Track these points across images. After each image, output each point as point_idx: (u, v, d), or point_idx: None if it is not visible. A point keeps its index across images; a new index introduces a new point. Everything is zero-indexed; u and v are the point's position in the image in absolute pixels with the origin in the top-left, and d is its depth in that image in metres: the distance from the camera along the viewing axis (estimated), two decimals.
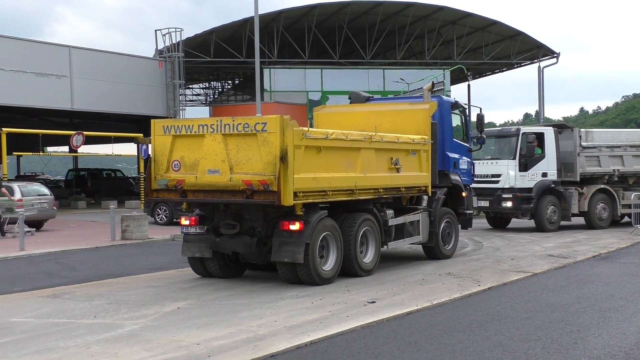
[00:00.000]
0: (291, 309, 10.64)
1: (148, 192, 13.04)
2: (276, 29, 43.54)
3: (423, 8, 44.90)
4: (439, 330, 9.21)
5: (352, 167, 13.22)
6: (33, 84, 33.29)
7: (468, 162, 17.71)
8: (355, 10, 44.26)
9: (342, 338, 8.85)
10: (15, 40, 34.23)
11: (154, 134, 12.79)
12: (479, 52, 49.53)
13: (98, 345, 8.51)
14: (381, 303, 11.04)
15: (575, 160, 23.31)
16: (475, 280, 13.21)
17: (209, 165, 12.06)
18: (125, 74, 37.53)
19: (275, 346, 8.32)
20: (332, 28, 45.28)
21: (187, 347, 8.34)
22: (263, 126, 11.59)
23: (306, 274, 12.26)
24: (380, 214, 14.18)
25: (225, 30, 43.69)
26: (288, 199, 11.50)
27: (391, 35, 46.95)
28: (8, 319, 10.23)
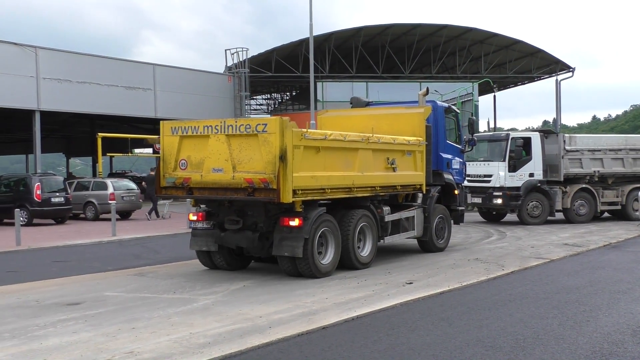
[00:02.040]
0: (340, 288, 10.64)
1: (157, 189, 12.31)
2: (328, 47, 43.59)
3: (455, 29, 44.59)
4: (467, 308, 9.12)
5: (350, 167, 12.41)
6: (123, 96, 33.90)
7: (460, 163, 16.85)
8: (396, 32, 44.12)
9: (383, 314, 8.82)
10: (109, 60, 34.87)
11: (162, 135, 12.10)
12: (504, 67, 48.87)
13: (177, 317, 8.61)
14: (417, 284, 10.97)
15: (559, 162, 22.91)
16: (500, 265, 13.04)
17: (213, 164, 11.37)
18: (200, 87, 37.94)
19: (326, 320, 8.32)
20: (376, 47, 45.20)
21: (252, 320, 8.39)
22: (264, 127, 10.87)
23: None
24: (377, 210, 13.33)
25: (284, 50, 43.87)
26: (287, 196, 10.77)
27: (427, 52, 46.63)
28: (103, 293, 10.43)
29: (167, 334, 7.66)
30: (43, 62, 30.37)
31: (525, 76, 50.81)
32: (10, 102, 29.68)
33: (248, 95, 42.40)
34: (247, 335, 7.58)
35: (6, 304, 9.65)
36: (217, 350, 6.90)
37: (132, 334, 7.69)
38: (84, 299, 9.91)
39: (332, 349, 7.06)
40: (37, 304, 9.67)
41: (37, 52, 30.17)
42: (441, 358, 6.66)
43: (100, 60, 34.08)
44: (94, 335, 7.63)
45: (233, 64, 39.72)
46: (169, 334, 7.63)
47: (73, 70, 31.65)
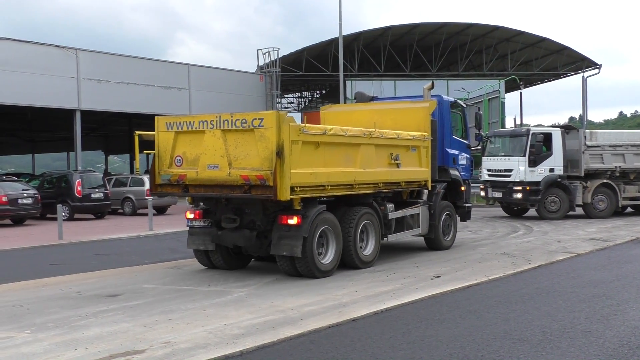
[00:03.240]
0: (369, 281, 10.62)
1: (152, 187, 11.57)
2: (357, 47, 43.48)
3: (481, 28, 44.17)
4: (494, 301, 9.03)
5: (352, 163, 11.66)
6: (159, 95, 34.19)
7: (467, 158, 16.01)
8: (423, 31, 43.84)
9: (412, 306, 8.78)
10: (145, 60, 35.19)
11: (157, 131, 11.40)
12: (530, 64, 48.27)
13: (211, 308, 8.66)
14: (445, 277, 10.90)
15: (580, 158, 22.56)
16: (527, 259, 12.90)
17: (208, 161, 10.68)
18: (232, 86, 38.10)
19: (356, 312, 8.31)
20: (403, 46, 44.97)
21: (283, 312, 8.41)
22: (260, 122, 10.16)
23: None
24: (380, 207, 12.61)
25: (314, 49, 43.86)
26: (284, 193, 10.05)
27: (454, 51, 46.26)
28: (140, 285, 10.54)
29: (202, 325, 7.72)
30: (83, 63, 30.77)
31: (552, 73, 50.14)
32: (53, 102, 30.13)
33: (279, 93, 42.50)
34: (279, 326, 7.60)
35: (50, 295, 9.81)
36: (251, 341, 6.94)
37: (169, 324, 7.76)
38: (122, 291, 10.03)
39: (362, 341, 7.05)
40: (79, 295, 9.81)
41: (78, 54, 30.57)
42: (469, 350, 6.61)
43: (137, 61, 34.41)
44: (133, 326, 7.72)
45: (265, 63, 39.83)
46: (204, 325, 7.68)
47: (112, 71, 32.01)
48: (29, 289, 10.50)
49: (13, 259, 14.79)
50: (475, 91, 37.84)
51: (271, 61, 39.25)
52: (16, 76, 27.84)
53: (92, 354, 6.55)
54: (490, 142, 23.99)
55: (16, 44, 28.66)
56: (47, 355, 6.55)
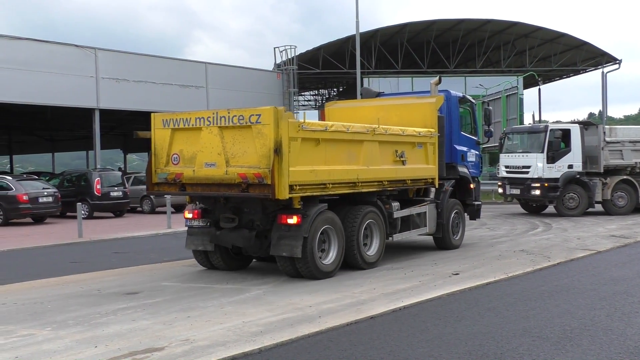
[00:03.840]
0: (387, 279, 10.60)
1: (149, 186, 11.20)
2: (374, 44, 43.39)
3: (499, 24, 43.86)
4: (513, 299, 8.98)
5: (355, 160, 11.26)
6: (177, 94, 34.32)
7: (476, 155, 15.56)
8: (440, 27, 43.63)
9: (430, 304, 8.76)
10: (163, 59, 35.33)
11: (154, 128, 11.06)
12: (549, 60, 47.86)
13: (230, 306, 8.69)
14: (464, 275, 10.86)
15: (599, 154, 22.37)
16: (546, 256, 12.80)
17: (205, 159, 10.34)
18: (250, 84, 38.16)
19: (374, 309, 8.30)
20: (420, 42, 44.79)
21: (302, 309, 8.42)
22: (257, 118, 9.76)
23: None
24: (385, 206, 12.21)
25: (331, 47, 43.83)
26: (283, 192, 9.68)
27: (471, 47, 46.00)
28: (160, 283, 10.60)
29: (220, 322, 7.74)
30: (102, 62, 30.97)
31: (571, 69, 49.68)
32: (72, 101, 30.35)
33: (296, 91, 42.50)
34: (298, 324, 7.61)
35: (70, 293, 9.89)
36: (269, 339, 6.95)
37: (188, 322, 7.80)
38: (142, 289, 10.09)
39: (380, 338, 7.04)
40: (99, 293, 9.88)
41: (96, 53, 30.76)
42: (488, 347, 6.58)
43: (155, 59, 34.56)
44: (152, 323, 7.76)
45: (282, 61, 39.86)
46: (222, 323, 7.71)
47: (130, 70, 32.18)
48: (50, 286, 10.61)
49: (34, 256, 14.95)
50: (493, 87, 37.60)
51: (288, 59, 39.26)
52: (36, 76, 28.09)
53: (112, 351, 6.60)
54: (508, 138, 23.87)
55: (36, 44, 28.91)
56: (67, 352, 6.60)
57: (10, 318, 8.24)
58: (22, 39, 28.81)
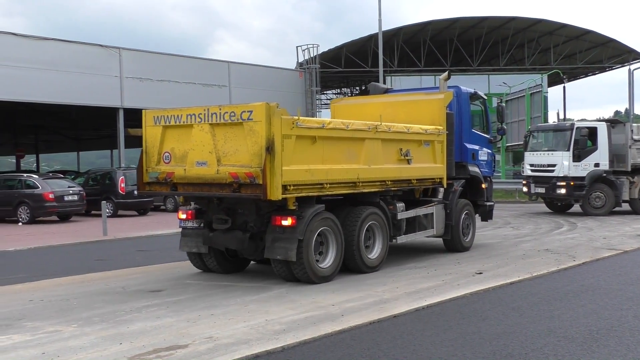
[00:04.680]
0: (410, 278, 10.56)
1: (140, 185, 10.74)
2: (396, 42, 43.28)
3: (523, 21, 43.53)
4: (538, 299, 8.90)
5: (355, 159, 10.73)
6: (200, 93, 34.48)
7: (488, 154, 14.84)
8: (463, 25, 43.40)
9: (454, 303, 8.71)
10: (186, 58, 35.52)
11: (145, 125, 10.60)
12: (574, 57, 47.40)
13: (253, 304, 8.71)
14: (487, 274, 10.78)
15: (627, 152, 22.08)
16: (571, 256, 12.67)
17: (197, 157, 9.90)
18: (272, 83, 38.23)
19: (397, 308, 8.28)
20: (443, 41, 44.59)
21: (324, 308, 8.41)
22: (249, 114, 9.31)
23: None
24: (388, 207, 11.63)
25: (354, 45, 43.79)
26: (275, 192, 9.19)
27: (495, 45, 45.69)
28: (183, 281, 10.66)
29: (243, 320, 7.77)
30: (126, 62, 31.21)
31: (597, 66, 49.17)
32: (97, 100, 30.65)
33: (319, 90, 42.55)
34: (321, 322, 7.61)
35: (95, 290, 10.00)
36: (292, 337, 6.96)
37: (211, 320, 7.84)
38: (165, 287, 10.16)
39: (403, 337, 7.02)
40: (123, 290, 9.97)
41: (121, 53, 31.02)
42: (512, 347, 6.53)
43: (178, 59, 34.76)
44: (176, 321, 7.81)
45: (304, 60, 39.90)
46: (245, 321, 7.74)
47: (153, 69, 32.40)
48: (75, 283, 10.73)
49: (60, 254, 15.13)
50: (517, 86, 37.30)
51: (310, 58, 39.29)
52: (62, 75, 28.39)
53: (136, 348, 6.65)
54: (533, 137, 23.68)
55: (61, 44, 29.22)
56: (93, 349, 6.67)
57: (37, 314, 8.35)
58: (48, 39, 29.13)
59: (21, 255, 15.01)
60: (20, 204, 23.13)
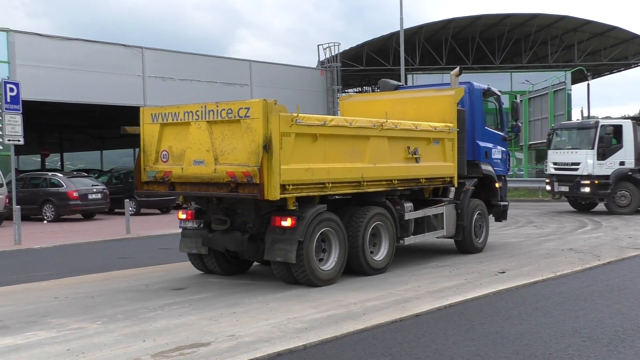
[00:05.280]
0: (432, 277, 10.51)
1: (137, 184, 10.46)
2: (418, 40, 43.13)
3: (546, 18, 43.13)
4: (562, 298, 8.81)
5: (359, 157, 10.37)
6: (222, 91, 34.60)
7: (502, 152, 14.31)
8: (485, 23, 43.12)
9: (476, 302, 8.66)
10: (208, 57, 35.66)
11: (142, 123, 10.37)
12: (598, 54, 46.87)
13: (275, 302, 8.73)
14: (510, 273, 10.70)
15: None
16: (595, 255, 12.53)
17: (194, 156, 9.63)
18: (294, 82, 38.25)
19: (419, 307, 8.24)
20: (465, 38, 44.35)
21: (346, 306, 8.40)
22: (246, 111, 9.03)
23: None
24: (395, 207, 11.23)
25: (375, 43, 43.71)
26: (273, 192, 8.90)
27: (517, 42, 45.35)
28: (205, 279, 10.70)
29: (265, 318, 7.79)
30: (148, 61, 31.43)
31: (621, 63, 48.59)
32: (120, 99, 30.90)
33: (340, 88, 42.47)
34: (342, 321, 7.60)
35: (118, 288, 10.08)
36: (314, 336, 6.96)
37: (233, 318, 7.86)
38: (188, 284, 10.21)
39: (425, 336, 6.99)
40: (146, 288, 10.04)
41: (143, 52, 31.24)
42: (536, 347, 6.47)
43: (200, 58, 34.93)
44: (198, 319, 7.85)
45: (325, 58, 39.88)
46: (267, 319, 7.75)
47: (175, 69, 32.60)
48: (99, 281, 10.83)
49: (84, 252, 15.29)
50: (540, 83, 36.93)
51: (332, 56, 39.27)
52: (85, 75, 28.65)
53: (159, 346, 6.70)
54: (557, 135, 23.47)
55: (85, 44, 29.50)
56: (117, 346, 6.73)
57: (62, 311, 8.45)
58: (72, 39, 29.42)
59: (46, 253, 15.20)
60: (45, 202, 23.42)
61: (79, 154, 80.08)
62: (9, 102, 16.56)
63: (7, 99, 16.55)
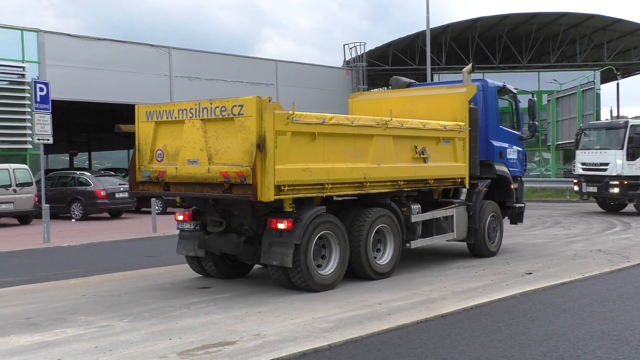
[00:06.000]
0: (458, 277, 10.45)
1: (132, 184, 10.16)
2: (444, 39, 42.90)
3: (575, 17, 42.62)
4: (590, 300, 8.71)
5: (362, 157, 9.98)
6: (248, 91, 34.69)
7: (519, 152, 13.80)
8: (513, 22, 42.75)
9: (502, 303, 8.59)
10: (234, 57, 35.83)
11: (137, 121, 10.06)
12: (628, 53, 46.22)
13: (300, 302, 8.74)
14: (537, 274, 10.60)
15: None
16: (625, 256, 12.36)
17: (188, 155, 9.30)
18: (319, 81, 38.28)
19: (444, 308, 8.20)
20: (492, 37, 44.00)
21: (371, 306, 8.39)
22: (240, 109, 8.70)
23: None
24: (401, 209, 10.80)
25: (401, 43, 43.58)
26: (266, 193, 8.55)
27: (545, 41, 44.87)
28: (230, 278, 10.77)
29: (290, 318, 7.80)
30: (175, 61, 31.67)
31: None
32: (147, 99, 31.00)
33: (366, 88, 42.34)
34: (367, 321, 7.59)
35: (145, 286, 10.17)
36: (339, 335, 6.96)
37: (259, 317, 7.89)
38: (213, 284, 10.26)
39: (451, 337, 6.95)
40: (172, 287, 10.12)
41: (170, 52, 31.49)
42: (563, 349, 6.40)
43: (226, 58, 35.10)
44: (224, 318, 7.89)
45: (351, 58, 39.85)
46: (292, 318, 7.77)
47: (202, 68, 32.80)
48: (126, 279, 10.94)
49: (111, 250, 15.46)
50: (568, 83, 36.51)
51: (357, 56, 39.22)
52: (113, 75, 28.97)
53: (185, 344, 6.74)
54: (585, 135, 23.23)
55: (113, 44, 29.82)
56: (144, 344, 6.79)
57: (90, 309, 8.54)
58: (101, 39, 29.76)
59: (74, 251, 15.40)
60: (74, 201, 23.73)
61: (107, 153, 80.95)
62: (38, 102, 16.81)
63: (37, 99, 16.81)
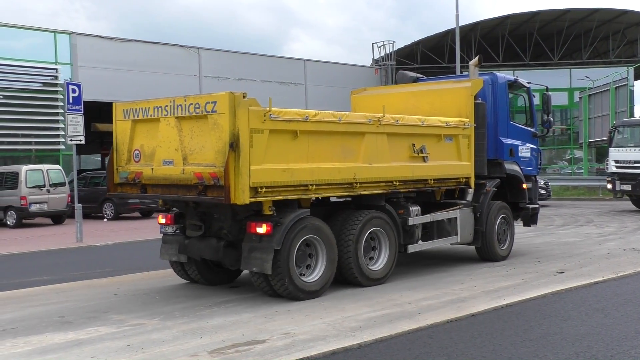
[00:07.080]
0: (488, 276, 10.37)
1: (110, 186, 9.69)
2: (473, 37, 42.57)
3: (608, 13, 41.97)
4: (624, 299, 8.57)
5: (352, 156, 9.34)
6: (277, 91, 34.86)
7: (532, 150, 12.97)
8: (544, 18, 42.27)
9: (534, 302, 8.50)
10: (263, 57, 36.01)
11: (115, 119, 9.56)
12: None
13: (329, 301, 8.74)
14: (569, 273, 10.47)
15: None
16: None
17: (163, 155, 8.82)
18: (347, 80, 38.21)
19: (475, 307, 8.15)
20: (522, 34, 43.57)
21: (401, 305, 8.37)
22: (213, 106, 8.17)
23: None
24: (398, 211, 10.16)
25: (430, 41, 43.39)
26: (240, 196, 7.99)
27: (577, 38, 44.29)
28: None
29: (320, 317, 7.81)
30: (205, 61, 31.93)
31: None
32: None
33: None
34: (397, 320, 7.57)
35: (175, 285, 10.27)
36: (368, 334, 6.95)
37: (288, 316, 7.91)
38: (243, 282, 10.30)
39: (481, 336, 6.90)
40: (202, 285, 10.19)
41: (200, 53, 31.76)
42: (596, 349, 6.31)
43: (255, 57, 35.30)
44: (254, 317, 7.93)
45: (380, 56, 39.81)
46: (322, 317, 7.78)
47: (231, 68, 33.02)
48: (157, 278, 11.06)
49: (142, 249, 15.62)
50: (601, 79, 36.00)
51: (386, 54, 39.18)
52: (144, 76, 29.30)
53: (216, 343, 6.79)
54: (619, 132, 22.91)
55: (144, 45, 30.17)
56: (175, 342, 6.86)
57: (122, 308, 8.66)
58: (132, 40, 30.12)
59: (107, 250, 15.62)
60: (105, 201, 24.04)
61: None
62: (71, 103, 17.08)
63: (70, 100, 17.07)
